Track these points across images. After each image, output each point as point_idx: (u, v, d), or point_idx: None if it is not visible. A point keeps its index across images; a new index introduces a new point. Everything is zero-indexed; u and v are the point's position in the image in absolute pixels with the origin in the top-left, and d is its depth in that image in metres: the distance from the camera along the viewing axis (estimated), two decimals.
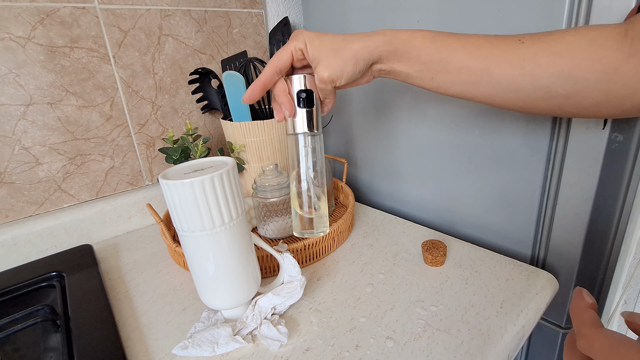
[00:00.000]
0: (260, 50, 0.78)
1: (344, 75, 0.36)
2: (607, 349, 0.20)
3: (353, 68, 0.36)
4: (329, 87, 0.37)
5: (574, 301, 0.25)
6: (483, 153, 0.53)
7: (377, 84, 0.63)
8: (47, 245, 0.58)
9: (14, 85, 0.52)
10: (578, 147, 0.43)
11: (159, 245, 0.60)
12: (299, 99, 0.38)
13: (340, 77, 0.36)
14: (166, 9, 0.63)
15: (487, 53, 0.33)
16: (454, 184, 0.59)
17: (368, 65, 0.37)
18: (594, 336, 0.21)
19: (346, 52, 0.35)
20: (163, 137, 0.68)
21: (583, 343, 0.21)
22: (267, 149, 0.62)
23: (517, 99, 0.33)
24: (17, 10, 0.51)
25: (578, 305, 0.24)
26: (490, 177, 0.53)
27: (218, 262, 0.37)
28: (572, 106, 0.31)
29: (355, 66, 0.36)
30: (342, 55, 0.36)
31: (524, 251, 0.53)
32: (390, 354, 0.36)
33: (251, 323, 0.39)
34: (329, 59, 0.36)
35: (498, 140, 0.51)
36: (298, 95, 0.38)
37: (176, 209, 0.34)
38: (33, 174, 0.56)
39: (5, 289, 0.47)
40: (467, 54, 0.33)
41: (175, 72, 0.67)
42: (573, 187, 0.45)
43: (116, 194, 0.65)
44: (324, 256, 0.54)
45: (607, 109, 0.31)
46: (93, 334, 0.39)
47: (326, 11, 0.69)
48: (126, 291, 0.49)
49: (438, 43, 0.34)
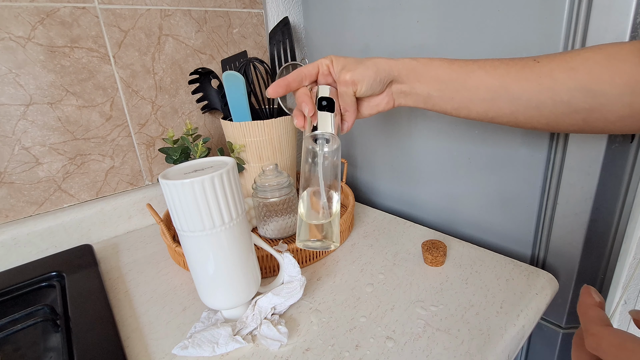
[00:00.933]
0: (260, 50, 0.78)
1: (365, 80, 0.37)
2: (616, 348, 0.20)
3: (374, 75, 0.37)
4: (350, 90, 0.38)
5: (582, 299, 0.24)
6: (483, 153, 0.53)
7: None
8: (47, 245, 0.58)
9: (14, 85, 0.52)
10: (578, 146, 0.43)
11: (159, 245, 0.60)
12: (320, 103, 0.38)
13: (362, 80, 0.37)
14: (166, 9, 0.63)
15: (504, 71, 0.34)
16: (454, 184, 0.59)
17: (389, 79, 0.38)
18: (602, 334, 0.21)
19: (368, 62, 0.38)
20: (163, 137, 0.68)
21: (591, 341, 0.21)
22: (267, 149, 0.62)
23: (540, 115, 0.33)
24: (17, 10, 0.51)
25: (586, 303, 0.24)
26: (490, 177, 0.53)
27: (218, 262, 0.37)
28: (597, 120, 0.32)
29: (377, 74, 0.37)
30: (364, 63, 0.38)
31: (524, 251, 0.53)
32: (390, 354, 0.36)
33: (251, 323, 0.39)
34: (351, 65, 0.38)
35: (498, 140, 0.51)
36: (320, 100, 0.38)
37: (176, 209, 0.34)
38: (33, 174, 0.56)
39: (5, 289, 0.47)
40: (484, 73, 0.35)
41: (175, 72, 0.67)
42: (573, 187, 0.45)
43: (116, 194, 0.65)
44: (324, 256, 0.54)
45: (633, 123, 0.31)
46: (93, 334, 0.39)
47: (326, 11, 0.69)
48: (126, 291, 0.49)
49: (455, 64, 0.36)
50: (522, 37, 0.44)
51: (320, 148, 0.38)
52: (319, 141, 0.38)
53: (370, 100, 0.41)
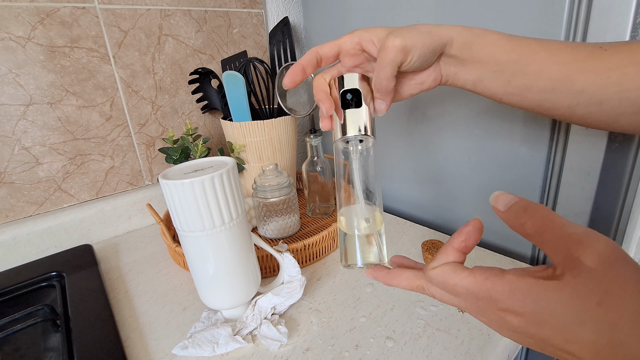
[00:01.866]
0: (260, 50, 0.78)
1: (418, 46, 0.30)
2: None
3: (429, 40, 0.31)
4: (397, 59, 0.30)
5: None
6: (483, 153, 0.53)
7: None
8: (47, 245, 0.58)
9: (14, 85, 0.52)
10: (578, 146, 0.43)
11: (159, 245, 0.60)
12: (344, 97, 0.32)
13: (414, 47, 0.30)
14: (166, 9, 0.63)
15: (570, 58, 0.29)
16: (454, 184, 0.59)
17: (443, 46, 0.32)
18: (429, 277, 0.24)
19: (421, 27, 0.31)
20: (163, 137, 0.68)
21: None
22: (267, 149, 0.62)
23: (600, 111, 0.30)
24: (17, 10, 0.51)
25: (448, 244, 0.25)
26: (490, 177, 0.53)
27: (218, 262, 0.37)
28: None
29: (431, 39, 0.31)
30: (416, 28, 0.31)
31: (524, 251, 0.53)
32: (390, 354, 0.36)
33: (251, 323, 0.39)
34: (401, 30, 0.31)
35: (498, 140, 0.51)
36: (344, 94, 0.32)
37: (176, 209, 0.34)
38: (33, 174, 0.56)
39: (5, 289, 0.47)
40: (548, 57, 0.30)
41: (175, 72, 0.67)
42: (573, 187, 0.45)
43: (116, 194, 0.65)
44: (324, 256, 0.54)
45: None
46: (93, 334, 0.39)
47: (326, 11, 0.69)
48: (126, 291, 0.49)
49: (515, 42, 0.31)
50: None
51: (354, 151, 0.32)
52: (351, 144, 0.33)
53: (415, 77, 0.35)
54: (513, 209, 0.22)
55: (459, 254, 0.24)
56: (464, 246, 0.24)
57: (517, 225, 0.22)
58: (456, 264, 0.23)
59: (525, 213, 0.21)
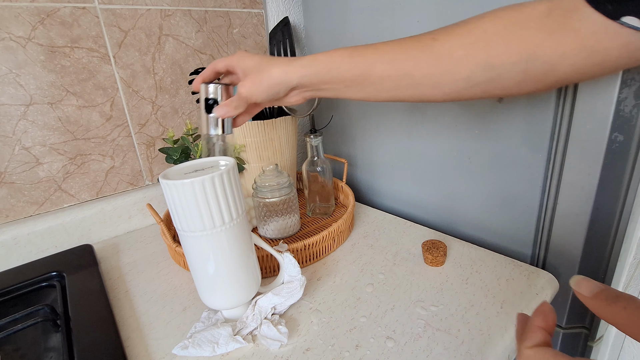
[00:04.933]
0: (260, 50, 0.78)
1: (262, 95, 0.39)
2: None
3: (267, 90, 0.38)
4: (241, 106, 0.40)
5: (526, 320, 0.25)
6: (483, 153, 0.53)
7: None
8: (48, 245, 0.58)
9: (14, 85, 0.52)
10: (578, 147, 0.43)
11: (159, 245, 0.60)
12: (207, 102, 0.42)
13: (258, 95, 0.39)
14: (166, 9, 0.63)
15: (403, 58, 0.34)
16: (454, 184, 0.59)
17: (288, 89, 0.39)
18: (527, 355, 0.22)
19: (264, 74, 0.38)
20: (163, 137, 0.68)
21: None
22: (267, 149, 0.62)
23: (442, 92, 0.35)
24: (17, 10, 0.51)
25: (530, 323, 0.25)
26: (490, 177, 0.53)
27: (218, 262, 0.37)
28: (495, 89, 0.33)
29: (269, 88, 0.38)
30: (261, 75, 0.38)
31: (524, 251, 0.53)
32: (390, 354, 0.36)
33: (251, 323, 0.39)
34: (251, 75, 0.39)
35: (498, 140, 0.51)
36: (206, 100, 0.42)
37: (176, 209, 0.34)
38: (33, 173, 0.56)
39: (5, 289, 0.47)
40: (386, 64, 0.35)
41: (175, 72, 0.67)
42: (573, 187, 0.45)
43: (116, 194, 0.65)
44: (324, 256, 0.54)
45: (528, 86, 0.32)
46: (93, 334, 0.39)
47: (326, 11, 0.69)
48: (126, 291, 0.49)
49: (356, 58, 0.36)
50: None
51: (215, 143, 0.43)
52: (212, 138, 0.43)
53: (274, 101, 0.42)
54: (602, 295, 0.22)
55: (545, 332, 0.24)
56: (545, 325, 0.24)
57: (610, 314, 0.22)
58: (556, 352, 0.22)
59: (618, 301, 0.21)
